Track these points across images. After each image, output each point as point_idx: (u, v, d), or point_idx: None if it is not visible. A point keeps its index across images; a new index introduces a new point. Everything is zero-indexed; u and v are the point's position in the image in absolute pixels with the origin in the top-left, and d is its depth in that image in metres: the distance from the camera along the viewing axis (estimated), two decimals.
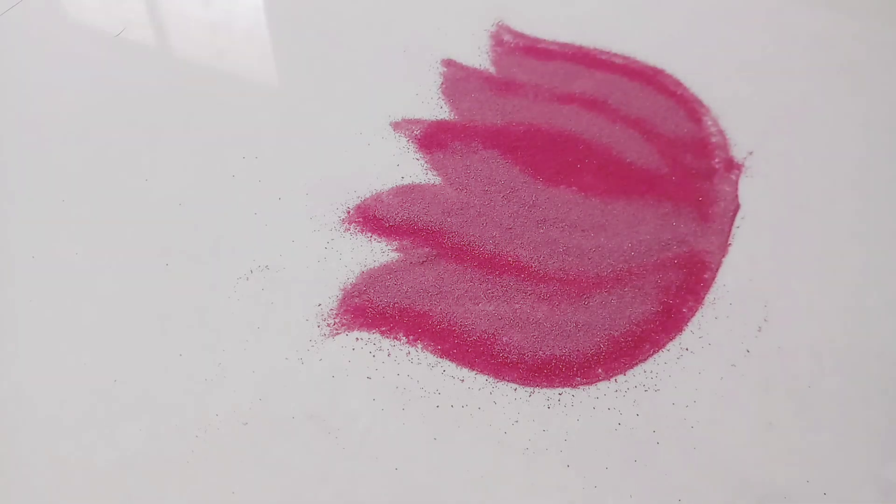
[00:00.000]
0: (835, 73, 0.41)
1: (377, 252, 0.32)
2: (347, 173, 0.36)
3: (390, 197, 0.34)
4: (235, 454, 0.26)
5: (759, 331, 0.30)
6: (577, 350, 0.29)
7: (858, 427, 0.27)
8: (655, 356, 0.29)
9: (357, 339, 0.30)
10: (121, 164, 0.36)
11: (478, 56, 0.42)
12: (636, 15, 0.44)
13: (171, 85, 0.41)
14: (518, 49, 0.42)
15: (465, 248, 0.32)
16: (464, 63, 0.41)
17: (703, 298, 0.31)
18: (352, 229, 0.33)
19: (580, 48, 0.42)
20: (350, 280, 0.31)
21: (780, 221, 0.34)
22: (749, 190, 0.35)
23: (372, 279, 0.31)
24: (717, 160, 0.36)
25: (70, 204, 0.35)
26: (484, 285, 0.31)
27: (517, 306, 0.30)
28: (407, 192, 0.35)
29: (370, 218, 0.34)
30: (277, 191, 0.35)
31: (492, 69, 0.41)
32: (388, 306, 0.30)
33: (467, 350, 0.29)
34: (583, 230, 0.33)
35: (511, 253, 0.32)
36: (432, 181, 0.35)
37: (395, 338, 0.30)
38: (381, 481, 0.26)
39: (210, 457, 0.26)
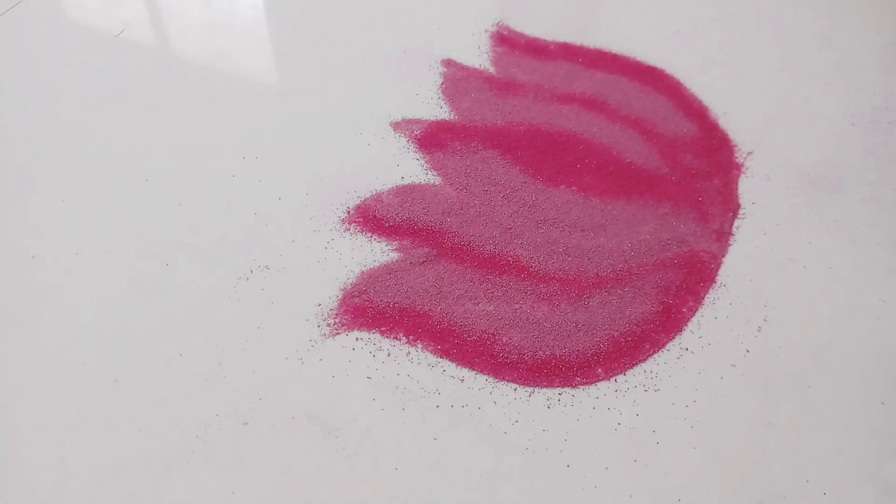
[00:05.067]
0: (835, 73, 0.41)
1: (377, 252, 0.32)
2: (347, 173, 0.35)
3: (390, 197, 0.34)
4: (235, 454, 0.26)
5: (759, 331, 0.30)
6: (577, 350, 0.29)
7: (858, 427, 0.27)
8: (655, 356, 0.29)
9: (357, 339, 0.30)
10: (121, 164, 0.36)
11: (478, 56, 0.42)
12: (636, 15, 0.44)
13: (171, 85, 0.41)
14: (518, 49, 0.42)
15: (465, 248, 0.32)
16: (464, 63, 0.41)
17: (703, 298, 0.31)
18: (352, 229, 0.33)
19: (580, 48, 0.42)
20: (350, 280, 0.31)
21: (780, 221, 0.34)
22: (749, 190, 0.35)
23: (372, 279, 0.31)
24: (717, 160, 0.36)
25: (70, 204, 0.35)
26: (484, 285, 0.31)
27: (517, 306, 0.30)
28: (407, 192, 0.35)
29: (370, 218, 0.34)
30: (277, 191, 0.35)
31: (492, 69, 0.41)
32: (388, 306, 0.30)
33: (467, 350, 0.29)
34: (583, 230, 0.33)
35: (511, 253, 0.32)
36: (432, 181, 0.35)
37: (395, 338, 0.30)
38: (381, 481, 0.26)
39: (210, 457, 0.26)
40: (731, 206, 0.34)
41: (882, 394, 0.28)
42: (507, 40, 0.43)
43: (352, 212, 0.34)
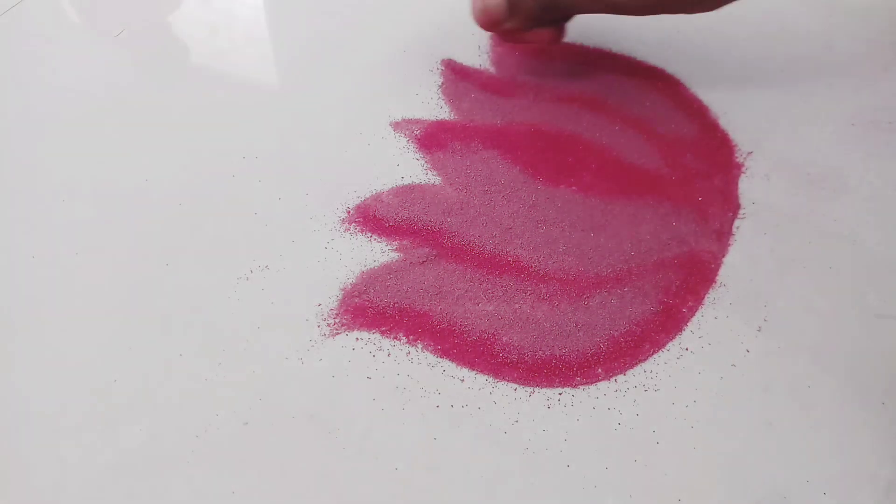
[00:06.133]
0: (835, 73, 0.41)
1: (377, 252, 0.32)
2: (347, 173, 0.36)
3: (390, 197, 0.34)
4: (235, 454, 0.26)
5: (759, 331, 0.30)
6: (577, 350, 0.29)
7: (858, 427, 0.27)
8: (655, 356, 0.29)
9: (357, 339, 0.30)
10: (121, 164, 0.36)
11: (478, 56, 0.42)
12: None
13: (171, 85, 0.41)
14: (518, 49, 0.42)
15: (465, 248, 0.32)
16: (464, 63, 0.41)
17: (703, 298, 0.31)
18: (352, 229, 0.33)
19: (580, 48, 0.42)
20: (350, 280, 0.31)
21: (780, 221, 0.34)
22: (749, 190, 0.35)
23: (372, 279, 0.31)
24: (717, 160, 0.36)
25: (70, 204, 0.35)
26: (484, 285, 0.31)
27: (517, 306, 0.30)
28: (407, 192, 0.35)
29: (370, 218, 0.34)
30: (277, 191, 0.35)
31: (492, 69, 0.41)
32: (388, 306, 0.30)
33: (467, 350, 0.29)
34: (583, 230, 0.33)
35: (511, 253, 0.32)
36: (432, 181, 0.35)
37: (395, 338, 0.30)
38: (381, 481, 0.26)
39: (210, 457, 0.26)
40: (731, 206, 0.34)
41: (882, 394, 0.28)
42: (507, 40, 0.43)
43: (352, 212, 0.34)
